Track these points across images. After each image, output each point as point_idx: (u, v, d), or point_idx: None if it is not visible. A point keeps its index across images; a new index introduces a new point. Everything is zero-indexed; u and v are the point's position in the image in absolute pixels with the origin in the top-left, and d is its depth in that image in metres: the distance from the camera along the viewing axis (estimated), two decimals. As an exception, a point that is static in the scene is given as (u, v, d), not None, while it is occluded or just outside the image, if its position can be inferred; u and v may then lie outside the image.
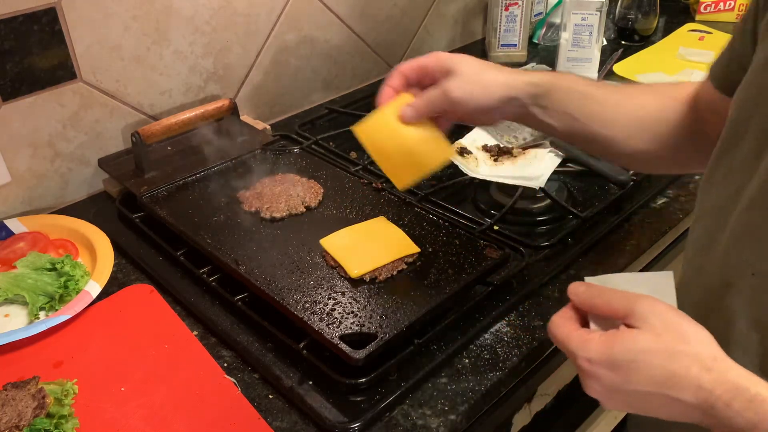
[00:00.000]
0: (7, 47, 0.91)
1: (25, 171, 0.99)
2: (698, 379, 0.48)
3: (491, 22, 1.50)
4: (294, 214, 0.93)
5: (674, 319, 0.51)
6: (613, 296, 0.53)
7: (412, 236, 0.86)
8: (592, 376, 0.52)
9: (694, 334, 0.50)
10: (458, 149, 1.07)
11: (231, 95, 1.21)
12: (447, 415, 0.69)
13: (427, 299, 0.77)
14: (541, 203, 0.99)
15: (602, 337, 0.52)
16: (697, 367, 0.48)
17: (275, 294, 0.77)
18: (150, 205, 0.95)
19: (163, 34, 1.07)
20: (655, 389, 0.49)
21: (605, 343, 0.51)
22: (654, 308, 0.51)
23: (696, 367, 0.48)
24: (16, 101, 0.94)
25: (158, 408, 0.69)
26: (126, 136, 1.09)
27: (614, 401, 0.53)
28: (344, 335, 0.72)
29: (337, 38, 1.34)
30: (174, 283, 0.86)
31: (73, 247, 0.92)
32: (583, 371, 0.52)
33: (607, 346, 0.51)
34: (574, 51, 1.36)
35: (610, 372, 0.51)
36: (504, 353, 0.76)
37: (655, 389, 0.49)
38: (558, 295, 0.84)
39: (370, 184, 1.00)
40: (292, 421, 0.68)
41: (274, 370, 0.73)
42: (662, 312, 0.51)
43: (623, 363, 0.50)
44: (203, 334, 0.79)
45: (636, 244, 0.93)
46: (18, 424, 0.64)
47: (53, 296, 0.82)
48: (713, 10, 1.71)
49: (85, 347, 0.77)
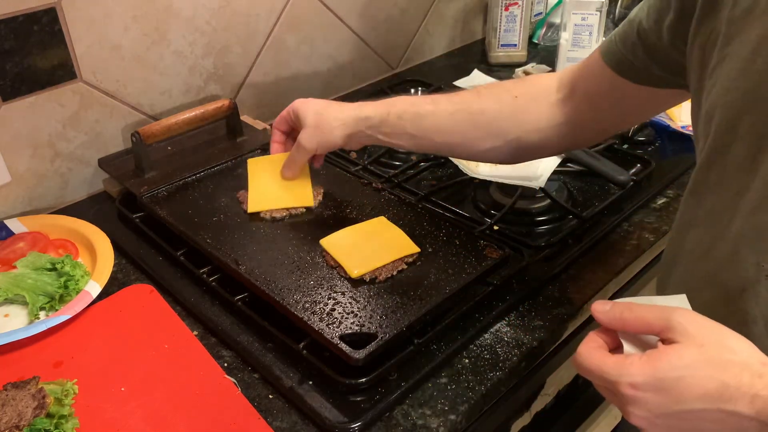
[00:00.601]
0: (7, 47, 0.91)
1: (25, 171, 0.99)
2: (752, 387, 0.46)
3: (491, 22, 1.50)
4: (294, 214, 0.93)
5: (714, 329, 0.49)
6: (645, 310, 0.50)
7: (412, 236, 0.86)
8: (638, 402, 0.48)
9: (737, 342, 0.48)
10: (458, 149, 1.07)
11: (231, 95, 1.21)
12: (447, 415, 0.69)
13: (427, 299, 0.77)
14: (541, 203, 0.99)
15: (643, 357, 0.48)
16: (748, 375, 0.46)
17: (275, 294, 0.77)
18: (150, 205, 0.95)
19: (163, 34, 1.07)
20: (707, 405, 0.46)
21: (648, 364, 0.47)
22: (692, 319, 0.49)
23: (747, 374, 0.46)
24: (16, 101, 0.95)
25: (158, 408, 0.69)
26: (126, 136, 1.09)
27: (661, 426, 0.49)
28: (344, 335, 0.72)
29: (337, 38, 1.34)
30: (174, 283, 0.86)
31: (73, 247, 0.92)
32: (627, 398, 0.48)
33: (651, 366, 0.47)
34: (574, 51, 1.36)
35: (658, 394, 0.47)
36: (504, 353, 0.76)
37: (708, 405, 0.46)
38: (558, 295, 0.84)
39: (370, 184, 1.00)
40: (292, 421, 0.68)
41: (274, 370, 0.73)
42: (701, 322, 0.49)
43: (671, 381, 0.47)
44: (203, 334, 0.79)
45: (636, 244, 0.93)
46: (18, 424, 0.64)
47: (53, 296, 0.82)
48: (713, 10, 1.71)
49: (85, 347, 0.77)
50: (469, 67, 1.50)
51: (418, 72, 1.50)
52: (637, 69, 0.72)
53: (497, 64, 1.51)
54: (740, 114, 0.57)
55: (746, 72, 0.56)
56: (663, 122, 1.18)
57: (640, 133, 1.15)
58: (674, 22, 0.65)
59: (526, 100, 0.82)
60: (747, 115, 0.56)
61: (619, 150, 1.12)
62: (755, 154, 0.56)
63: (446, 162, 1.08)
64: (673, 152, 1.13)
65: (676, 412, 0.47)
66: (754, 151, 0.56)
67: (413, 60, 1.54)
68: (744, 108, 0.56)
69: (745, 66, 0.56)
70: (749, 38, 0.56)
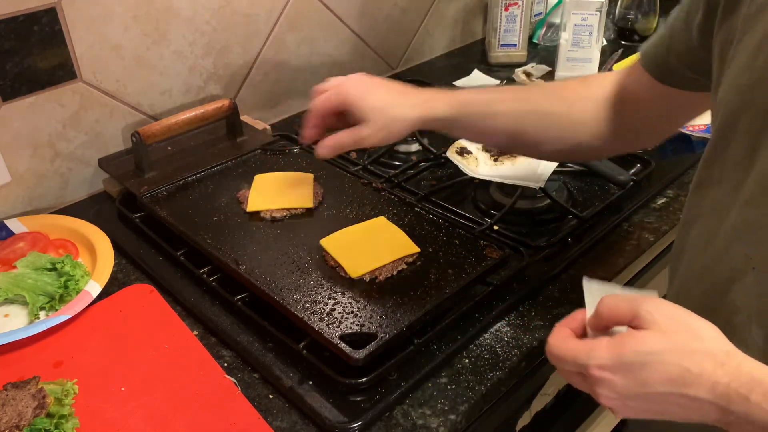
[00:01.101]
0: (7, 47, 0.91)
1: (25, 171, 0.99)
2: (713, 375, 0.47)
3: (491, 22, 1.50)
4: (294, 214, 0.93)
5: (682, 317, 0.50)
6: (615, 300, 0.52)
7: (412, 236, 0.86)
8: (605, 383, 0.50)
9: (703, 330, 0.50)
10: (458, 149, 1.07)
11: (231, 95, 1.21)
12: (447, 415, 0.69)
13: (427, 299, 0.77)
14: (541, 203, 0.99)
15: (610, 341, 0.50)
16: (711, 363, 0.48)
17: (275, 294, 0.77)
18: (150, 205, 0.95)
19: (163, 34, 1.07)
20: (670, 389, 0.48)
21: (615, 347, 0.50)
22: (660, 307, 0.50)
23: (710, 362, 0.48)
24: (16, 101, 0.95)
25: (158, 408, 0.69)
26: (126, 136, 1.09)
27: (629, 408, 0.51)
28: (344, 335, 0.72)
29: (337, 38, 1.34)
30: (174, 283, 0.86)
31: (73, 247, 0.92)
32: (595, 380, 0.50)
33: (617, 350, 0.49)
34: (574, 51, 1.36)
35: (624, 377, 0.49)
36: (504, 353, 0.76)
37: (671, 389, 0.48)
38: (558, 295, 0.84)
39: (370, 184, 1.00)
40: (292, 421, 0.68)
41: (274, 370, 0.73)
42: (669, 310, 0.50)
43: (635, 365, 0.49)
44: (203, 334, 0.79)
45: (636, 244, 0.93)
46: (18, 424, 0.64)
47: (53, 296, 0.82)
48: (713, 10, 1.71)
49: (85, 347, 0.77)
50: (469, 67, 1.50)
51: (418, 72, 1.50)
52: (672, 72, 0.72)
53: (497, 64, 1.51)
54: (740, 110, 0.57)
55: (748, 69, 0.57)
56: (663, 122, 1.18)
57: (640, 133, 1.15)
58: (702, 20, 0.65)
59: (588, 104, 0.80)
60: (746, 112, 0.57)
61: (619, 150, 1.12)
62: (752, 150, 0.57)
63: (446, 162, 1.08)
64: (673, 152, 1.13)
65: (642, 394, 0.49)
66: (751, 148, 0.57)
67: (413, 60, 1.54)
68: (743, 105, 0.57)
69: (747, 63, 0.57)
70: (755, 35, 0.56)
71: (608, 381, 0.50)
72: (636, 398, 0.50)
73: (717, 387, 0.47)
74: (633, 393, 0.49)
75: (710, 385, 0.47)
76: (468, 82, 1.43)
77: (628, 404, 0.51)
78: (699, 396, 0.48)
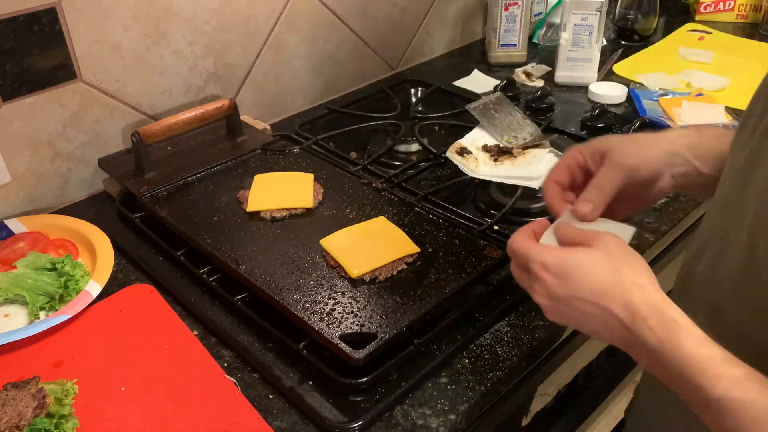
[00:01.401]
0: (7, 47, 0.91)
1: (25, 171, 0.99)
2: (630, 294, 0.54)
3: (491, 22, 1.50)
4: (294, 214, 0.93)
5: (630, 252, 0.57)
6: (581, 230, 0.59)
7: (412, 236, 0.86)
8: (541, 280, 0.57)
9: (641, 266, 0.56)
10: (458, 149, 1.07)
11: (231, 95, 1.21)
12: (447, 415, 0.69)
13: (427, 299, 0.77)
14: (541, 203, 0.99)
15: (560, 249, 0.59)
16: (631, 286, 0.54)
17: (275, 294, 0.77)
18: (150, 205, 0.95)
19: (163, 34, 1.07)
20: (591, 297, 0.55)
21: (561, 253, 0.58)
22: (618, 242, 0.57)
23: (631, 285, 0.54)
24: (16, 101, 0.95)
25: (158, 408, 0.69)
26: (126, 136, 1.09)
27: (555, 310, 0.58)
28: (344, 335, 0.72)
29: (337, 38, 1.34)
30: (174, 283, 0.86)
31: (73, 247, 0.92)
32: (535, 275, 0.58)
33: (562, 256, 0.57)
34: (574, 51, 1.36)
35: (558, 279, 0.56)
36: (504, 353, 0.76)
37: (591, 297, 0.55)
38: (558, 295, 0.84)
39: (370, 184, 1.00)
40: (292, 421, 0.68)
41: (274, 370, 0.73)
42: (621, 244, 0.57)
43: (572, 271, 0.56)
44: (203, 334, 0.79)
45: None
46: (18, 424, 0.64)
47: (53, 296, 0.82)
48: (713, 10, 1.71)
49: (85, 347, 0.77)
50: (469, 67, 1.50)
51: (418, 72, 1.50)
52: None
53: (497, 64, 1.51)
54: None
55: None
56: (663, 122, 1.18)
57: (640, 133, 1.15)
58: None
59: None
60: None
61: (619, 150, 1.12)
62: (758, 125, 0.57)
63: (446, 162, 1.08)
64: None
65: (566, 297, 0.56)
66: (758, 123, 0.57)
67: (413, 60, 1.54)
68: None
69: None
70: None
71: (545, 280, 0.57)
72: (560, 301, 0.57)
73: (628, 305, 0.53)
74: (562, 295, 0.56)
75: (624, 301, 0.53)
76: (468, 82, 1.43)
77: (554, 305, 0.58)
78: (611, 308, 0.54)
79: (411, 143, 1.15)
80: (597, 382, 1.11)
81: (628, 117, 1.23)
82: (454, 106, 1.27)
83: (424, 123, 1.20)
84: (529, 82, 1.42)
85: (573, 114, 1.27)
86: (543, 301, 0.58)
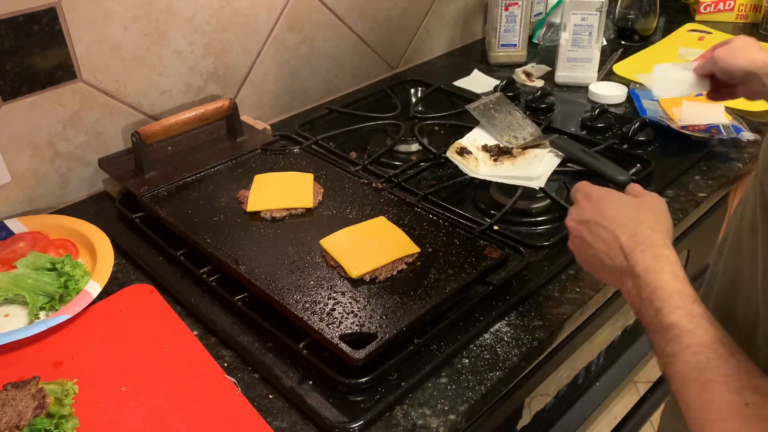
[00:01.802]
0: (7, 47, 0.91)
1: (25, 171, 0.99)
2: (638, 229, 0.63)
3: (491, 22, 1.50)
4: (294, 214, 0.93)
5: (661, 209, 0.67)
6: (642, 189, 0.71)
7: (412, 236, 0.86)
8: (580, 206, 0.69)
9: (664, 218, 0.66)
10: (458, 149, 1.07)
11: (231, 95, 1.21)
12: (447, 415, 0.69)
13: (427, 299, 0.77)
14: (541, 203, 0.99)
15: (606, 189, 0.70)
16: (644, 226, 0.63)
17: (275, 294, 0.77)
18: (150, 205, 0.95)
19: (163, 34, 1.07)
20: (608, 224, 0.65)
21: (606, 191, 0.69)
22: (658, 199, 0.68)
23: (644, 225, 0.63)
24: (16, 101, 0.95)
25: (158, 408, 0.69)
26: (126, 136, 1.09)
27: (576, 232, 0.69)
28: (344, 335, 0.72)
29: (337, 38, 1.34)
30: (174, 283, 0.86)
31: (73, 247, 0.92)
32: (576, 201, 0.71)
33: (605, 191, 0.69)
34: (574, 51, 1.36)
35: (592, 206, 0.68)
36: (504, 353, 0.76)
37: (609, 224, 0.65)
38: (558, 295, 0.84)
39: (370, 184, 1.00)
40: (292, 421, 0.68)
41: (274, 370, 0.73)
42: (660, 203, 0.67)
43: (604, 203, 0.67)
44: (203, 334, 0.79)
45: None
46: (18, 424, 0.64)
47: (53, 296, 0.82)
48: (713, 10, 1.71)
49: (85, 347, 0.77)
50: (469, 67, 1.50)
51: (418, 72, 1.50)
52: None
53: (497, 64, 1.51)
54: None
55: None
56: (663, 122, 1.18)
57: (640, 133, 1.15)
58: None
59: None
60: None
61: (619, 150, 1.12)
62: None
63: (446, 162, 1.08)
64: (673, 152, 1.13)
65: (590, 220, 0.67)
66: None
67: (413, 60, 1.54)
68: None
69: None
70: None
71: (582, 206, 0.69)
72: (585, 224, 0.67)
73: (634, 237, 0.62)
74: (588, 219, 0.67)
75: (632, 233, 0.62)
76: (468, 82, 1.43)
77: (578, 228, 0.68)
78: (619, 236, 0.63)
79: (411, 143, 1.15)
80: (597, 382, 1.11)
81: (628, 117, 1.23)
82: (454, 106, 1.27)
83: (424, 123, 1.20)
84: (529, 82, 1.42)
85: (573, 114, 1.27)
86: (571, 224, 0.70)
